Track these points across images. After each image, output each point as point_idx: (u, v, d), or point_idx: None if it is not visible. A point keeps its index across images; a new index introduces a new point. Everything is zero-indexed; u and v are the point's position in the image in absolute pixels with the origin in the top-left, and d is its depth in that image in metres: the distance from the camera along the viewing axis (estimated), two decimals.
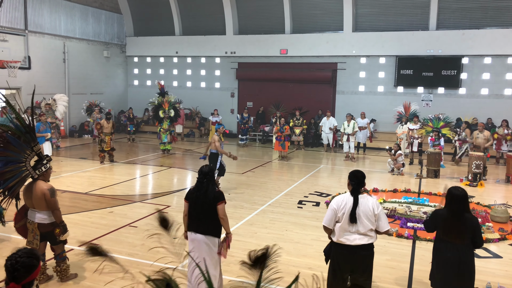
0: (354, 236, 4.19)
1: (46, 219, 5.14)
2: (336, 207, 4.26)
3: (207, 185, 4.76)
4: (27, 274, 2.51)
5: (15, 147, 4.96)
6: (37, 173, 5.11)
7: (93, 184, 10.46)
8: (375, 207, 4.21)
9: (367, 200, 4.24)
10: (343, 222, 4.22)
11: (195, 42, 20.87)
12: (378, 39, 17.75)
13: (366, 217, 4.17)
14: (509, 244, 7.08)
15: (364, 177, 4.35)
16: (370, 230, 4.21)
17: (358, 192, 4.26)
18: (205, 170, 4.86)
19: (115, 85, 22.21)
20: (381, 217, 4.22)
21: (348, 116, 15.02)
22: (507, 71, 16.29)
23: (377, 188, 10.59)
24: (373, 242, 4.29)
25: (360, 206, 4.19)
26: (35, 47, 17.54)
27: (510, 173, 11.68)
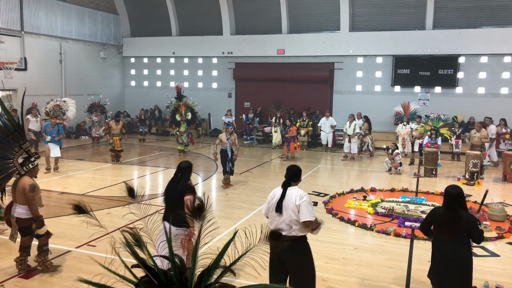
0: (280, 226, 4.31)
1: (23, 214, 5.32)
2: (269, 198, 4.53)
3: (180, 178, 5.09)
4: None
5: (3, 145, 5.19)
6: (24, 170, 5.35)
7: (90, 185, 10.43)
8: (297, 198, 4.30)
9: (292, 192, 4.36)
10: (271, 211, 4.44)
11: (192, 42, 20.85)
12: (375, 39, 17.78)
13: (290, 208, 4.29)
14: (507, 242, 7.10)
15: (297, 171, 4.50)
16: (294, 222, 4.28)
17: (288, 185, 4.42)
18: (182, 165, 5.20)
19: (112, 86, 22.16)
20: (302, 208, 4.25)
21: (351, 117, 14.99)
22: (504, 70, 16.34)
23: (374, 188, 10.60)
24: (300, 235, 4.29)
25: (286, 197, 4.34)
26: (31, 48, 17.48)
27: (507, 171, 11.71)
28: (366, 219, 8.17)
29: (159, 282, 1.83)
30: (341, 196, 9.85)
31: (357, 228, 7.67)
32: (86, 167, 12.71)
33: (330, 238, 7.14)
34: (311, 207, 4.35)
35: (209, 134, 20.58)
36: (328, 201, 9.31)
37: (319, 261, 6.11)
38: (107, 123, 13.89)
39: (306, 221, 4.25)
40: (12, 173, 5.31)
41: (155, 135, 20.75)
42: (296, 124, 16.00)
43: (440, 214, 4.39)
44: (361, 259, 6.26)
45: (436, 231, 4.43)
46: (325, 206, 8.93)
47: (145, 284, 1.84)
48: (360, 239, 7.18)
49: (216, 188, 10.68)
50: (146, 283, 1.84)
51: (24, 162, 5.37)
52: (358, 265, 6.04)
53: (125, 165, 13.39)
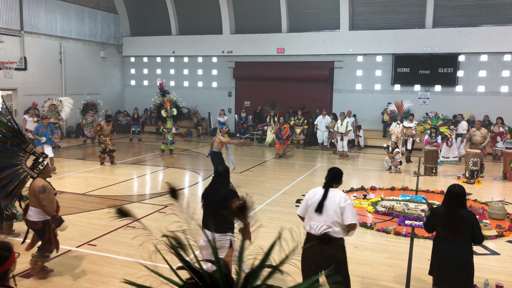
0: (318, 226, 4.34)
1: (32, 216, 5.27)
2: (308, 197, 4.53)
3: (220, 183, 4.95)
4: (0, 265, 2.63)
5: (6, 153, 5.12)
6: (36, 172, 5.27)
7: (90, 185, 10.43)
8: (342, 200, 4.35)
9: (335, 194, 4.40)
10: (310, 211, 4.44)
11: (192, 41, 20.84)
12: (374, 38, 17.77)
13: (332, 209, 4.31)
14: (507, 241, 7.11)
15: (340, 173, 4.58)
16: (336, 224, 4.32)
17: (330, 186, 4.46)
18: (220, 170, 5.06)
19: (112, 85, 22.16)
20: (347, 211, 4.31)
21: (342, 115, 15.04)
22: (503, 68, 16.34)
23: (374, 186, 10.60)
24: (338, 236, 4.32)
25: (328, 198, 4.36)
26: (31, 48, 17.48)
27: (507, 170, 11.72)
28: (366, 218, 8.18)
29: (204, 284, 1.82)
30: None
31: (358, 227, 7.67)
32: (86, 167, 12.70)
33: None
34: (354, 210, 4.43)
35: (209, 133, 20.58)
36: None
37: None
38: (98, 123, 13.56)
39: (352, 224, 4.33)
40: (25, 178, 5.20)
41: (155, 134, 20.75)
42: (290, 123, 16.00)
43: (442, 214, 4.39)
44: (361, 257, 6.26)
45: (439, 230, 4.44)
46: None
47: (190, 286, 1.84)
48: (360, 237, 7.18)
49: None
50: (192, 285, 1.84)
51: (34, 165, 5.29)
52: (358, 263, 6.04)
53: (124, 164, 13.39)
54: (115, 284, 5.37)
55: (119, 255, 6.23)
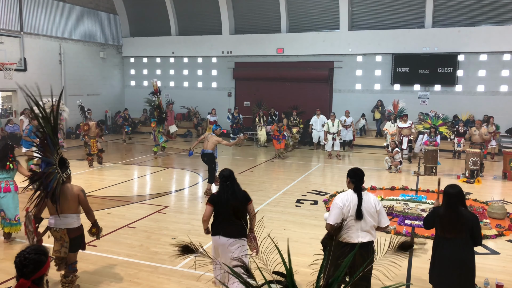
0: (358, 234, 4.18)
1: (75, 223, 5.00)
2: (342, 204, 4.24)
3: (232, 187, 4.77)
4: (36, 270, 2.60)
5: (50, 150, 4.87)
6: (65, 176, 4.98)
7: (90, 186, 10.43)
8: (376, 203, 4.28)
9: (369, 197, 4.29)
10: (348, 218, 4.18)
11: (192, 42, 20.85)
12: (374, 37, 17.78)
13: (369, 213, 4.22)
14: (507, 240, 7.11)
15: (363, 174, 4.41)
16: (372, 227, 4.26)
17: (361, 189, 4.29)
18: (226, 173, 4.89)
19: (112, 86, 22.17)
20: (382, 213, 4.29)
21: (332, 115, 15.06)
22: (503, 67, 16.35)
23: (374, 186, 10.61)
24: (374, 240, 4.28)
25: (363, 203, 4.21)
26: (31, 49, 17.49)
27: (507, 169, 11.72)
28: None
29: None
30: None
31: None
32: (86, 167, 12.70)
33: None
34: None
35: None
36: (328, 199, 9.32)
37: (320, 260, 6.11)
38: (86, 123, 13.05)
39: (387, 226, 4.35)
40: (59, 179, 4.86)
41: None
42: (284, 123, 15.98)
43: (442, 214, 4.39)
44: None
45: (438, 230, 4.44)
46: (325, 205, 8.94)
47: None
48: None
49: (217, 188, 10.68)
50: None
51: (62, 168, 4.96)
52: None
53: (124, 165, 13.40)
54: (115, 285, 5.37)
55: (119, 255, 6.23)
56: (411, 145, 14.18)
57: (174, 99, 20.22)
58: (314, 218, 8.06)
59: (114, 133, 20.65)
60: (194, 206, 9.12)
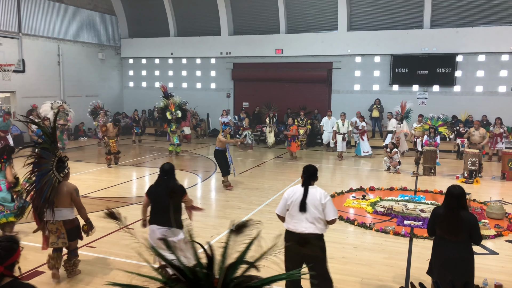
0: (302, 224, 4.47)
1: (69, 215, 5.43)
2: (287, 196, 4.62)
3: (167, 181, 5.12)
4: (8, 256, 2.81)
5: (45, 159, 5.29)
6: (62, 176, 5.39)
7: (89, 187, 10.41)
8: (322, 197, 4.49)
9: (315, 191, 4.54)
10: (291, 209, 4.54)
11: (190, 43, 20.85)
12: (373, 38, 17.80)
13: (314, 206, 4.45)
14: (505, 240, 7.12)
15: (316, 170, 4.70)
16: (318, 220, 4.45)
17: (308, 184, 4.57)
18: (165, 167, 5.23)
19: (110, 87, 22.15)
20: (328, 206, 4.47)
21: (343, 115, 15.04)
22: (501, 68, 16.37)
23: (373, 186, 10.61)
24: (320, 233, 4.51)
25: (309, 196, 4.48)
26: (29, 50, 17.47)
27: (506, 169, 11.74)
28: (365, 218, 8.19)
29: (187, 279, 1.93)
30: (340, 195, 9.86)
31: (357, 227, 7.69)
32: (84, 169, 12.69)
33: (329, 237, 7.10)
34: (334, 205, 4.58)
35: (208, 135, 20.57)
36: None
37: None
38: (104, 124, 13.67)
39: (333, 219, 4.50)
40: (55, 183, 5.30)
41: (153, 136, 20.75)
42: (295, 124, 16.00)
43: (442, 215, 4.37)
44: (360, 258, 6.27)
45: (439, 231, 4.42)
46: None
47: (173, 282, 1.94)
48: (359, 238, 7.19)
49: (215, 189, 10.69)
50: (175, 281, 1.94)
51: (59, 168, 5.38)
52: (357, 264, 6.05)
53: (124, 166, 13.38)
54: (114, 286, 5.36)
55: (118, 257, 6.22)
56: None
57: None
58: None
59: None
60: None
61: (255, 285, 1.93)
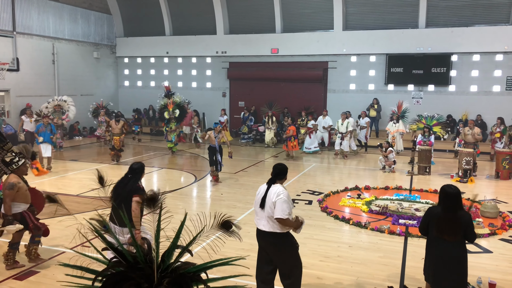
0: (260, 222, 4.57)
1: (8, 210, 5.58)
2: (257, 193, 4.72)
3: (129, 180, 5.20)
4: None
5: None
6: (9, 169, 5.65)
7: (84, 186, 10.38)
8: (274, 195, 4.48)
9: (272, 189, 4.57)
10: (255, 206, 4.67)
11: (186, 42, 20.81)
12: (368, 38, 17.84)
13: (268, 205, 4.48)
14: (499, 239, 7.17)
15: (283, 169, 4.71)
16: (272, 218, 4.47)
17: (273, 182, 4.62)
18: (134, 166, 5.34)
19: (106, 86, 22.07)
20: (277, 204, 4.44)
21: (343, 114, 15.06)
22: (496, 68, 16.46)
23: (369, 186, 10.65)
24: (278, 231, 4.48)
25: (268, 194, 4.53)
26: (24, 49, 17.37)
27: (500, 168, 11.81)
28: (360, 217, 8.21)
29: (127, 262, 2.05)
30: (336, 195, 9.89)
31: (352, 226, 7.71)
32: (80, 168, 12.64)
33: (324, 236, 7.17)
34: (287, 205, 4.46)
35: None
36: (323, 199, 9.34)
37: (314, 259, 6.14)
38: (108, 121, 14.10)
39: (277, 218, 4.44)
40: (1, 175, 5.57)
41: (149, 135, 20.72)
42: (295, 125, 16.01)
43: (438, 214, 4.34)
44: (355, 257, 6.29)
45: (435, 231, 4.36)
46: (319, 205, 8.96)
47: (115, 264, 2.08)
48: (354, 237, 7.22)
49: (211, 188, 10.69)
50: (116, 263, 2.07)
51: (9, 163, 5.65)
52: (352, 263, 6.07)
53: (121, 165, 13.35)
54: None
55: None
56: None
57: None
58: (308, 218, 8.04)
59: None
60: (189, 206, 9.10)
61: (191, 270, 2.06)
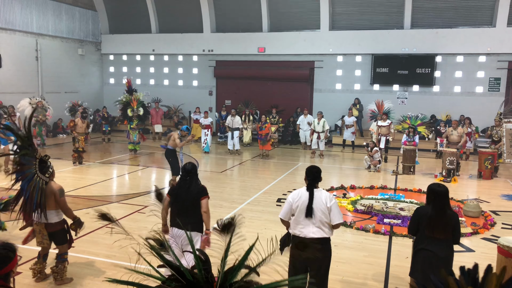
0: (309, 229, 4.31)
1: (53, 218, 5.22)
2: (292, 200, 4.42)
3: (190, 182, 4.90)
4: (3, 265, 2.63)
5: (26, 165, 5.14)
6: (47, 176, 5.23)
7: (68, 185, 10.23)
8: (327, 200, 4.33)
9: (321, 194, 4.38)
10: (297, 215, 4.35)
11: (172, 40, 20.67)
12: (354, 38, 17.96)
13: (320, 210, 4.30)
14: (481, 238, 7.29)
15: (319, 172, 4.48)
16: (325, 224, 4.32)
17: (314, 187, 4.38)
18: (188, 167, 5.00)
19: (90, 83, 21.80)
20: (333, 210, 4.32)
21: (319, 114, 15.13)
22: (478, 69, 16.74)
23: (354, 185, 10.73)
24: (327, 236, 4.37)
25: (314, 200, 4.31)
26: (6, 45, 17.04)
27: (482, 168, 12.02)
28: (345, 217, 8.26)
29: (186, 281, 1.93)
30: None
31: None
32: (63, 166, 12.47)
33: None
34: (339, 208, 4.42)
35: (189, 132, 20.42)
36: None
37: None
38: (72, 120, 13.12)
39: (339, 223, 4.36)
40: (43, 185, 5.11)
41: None
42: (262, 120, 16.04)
43: (428, 214, 4.31)
44: (341, 256, 6.33)
45: (427, 231, 4.32)
46: None
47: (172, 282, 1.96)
48: (340, 236, 7.26)
49: None
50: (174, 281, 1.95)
51: (43, 169, 5.21)
52: (338, 262, 6.10)
53: (104, 164, 13.21)
54: (94, 285, 5.29)
55: (98, 256, 6.14)
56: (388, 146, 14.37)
57: (153, 97, 20.05)
58: None
59: (93, 131, 20.31)
60: None
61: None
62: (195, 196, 4.81)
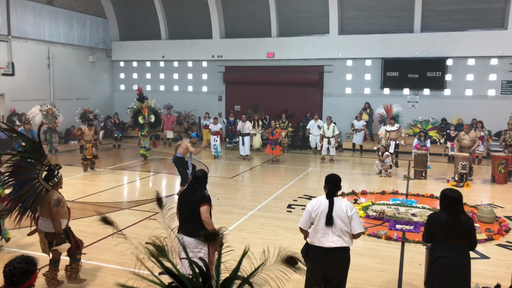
0: (328, 238, 4.23)
1: (52, 228, 5.16)
2: (311, 208, 4.33)
3: (196, 189, 4.94)
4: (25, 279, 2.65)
5: (26, 168, 5.10)
6: (50, 185, 5.21)
7: (79, 192, 10.32)
8: (348, 209, 4.26)
9: (341, 203, 4.30)
10: (316, 223, 4.27)
11: (182, 46, 20.79)
12: (364, 42, 17.89)
13: (340, 219, 4.22)
14: (496, 244, 7.17)
15: (339, 180, 4.40)
16: (345, 233, 4.25)
17: (333, 195, 4.31)
18: (198, 175, 5.06)
19: (101, 90, 21.99)
20: (354, 219, 4.25)
21: (328, 119, 15.07)
22: (490, 72, 16.55)
23: (365, 190, 10.64)
24: (347, 245, 4.30)
25: (334, 208, 4.24)
26: (19, 53, 17.28)
27: (496, 173, 11.84)
28: None
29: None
30: None
31: None
32: (74, 173, 12.56)
33: None
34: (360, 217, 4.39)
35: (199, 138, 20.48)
36: None
37: None
38: (79, 128, 13.18)
39: (360, 233, 4.30)
40: (41, 192, 5.12)
41: None
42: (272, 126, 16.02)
43: (442, 219, 4.24)
44: (352, 263, 6.18)
45: (440, 236, 4.27)
46: None
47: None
48: None
49: None
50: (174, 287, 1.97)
51: (48, 177, 5.22)
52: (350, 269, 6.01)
53: (115, 170, 13.29)
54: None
55: (109, 263, 6.16)
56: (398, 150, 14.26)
57: (165, 103, 20.15)
58: None
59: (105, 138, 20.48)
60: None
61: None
62: (196, 203, 4.84)
